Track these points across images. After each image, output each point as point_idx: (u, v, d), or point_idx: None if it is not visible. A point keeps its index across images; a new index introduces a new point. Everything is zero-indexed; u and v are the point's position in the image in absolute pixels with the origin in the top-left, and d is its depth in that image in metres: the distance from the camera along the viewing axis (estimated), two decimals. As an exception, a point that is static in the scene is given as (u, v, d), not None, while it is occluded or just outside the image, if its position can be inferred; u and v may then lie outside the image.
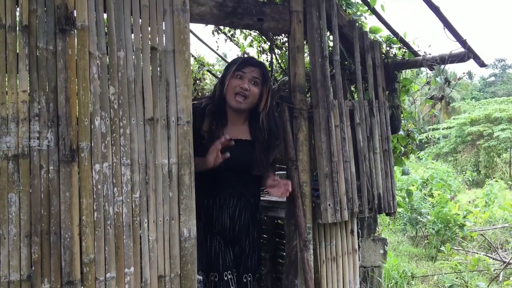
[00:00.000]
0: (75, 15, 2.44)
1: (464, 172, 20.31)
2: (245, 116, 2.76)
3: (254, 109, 2.74)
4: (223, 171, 2.65)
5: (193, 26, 5.06)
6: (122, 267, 2.51)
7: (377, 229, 4.18)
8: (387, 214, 3.65)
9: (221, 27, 5.17)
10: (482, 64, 3.31)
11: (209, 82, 6.34)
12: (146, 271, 2.58)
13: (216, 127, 2.60)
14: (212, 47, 5.72)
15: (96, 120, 2.47)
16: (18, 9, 2.36)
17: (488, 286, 4.59)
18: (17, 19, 2.36)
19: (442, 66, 3.37)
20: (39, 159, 2.34)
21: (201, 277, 2.90)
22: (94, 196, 2.45)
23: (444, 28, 3.21)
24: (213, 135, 2.59)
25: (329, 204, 3.18)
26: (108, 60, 2.54)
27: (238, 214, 2.81)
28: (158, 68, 2.68)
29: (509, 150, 22.39)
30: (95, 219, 2.44)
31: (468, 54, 3.25)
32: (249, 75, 2.63)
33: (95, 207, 2.44)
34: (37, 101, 2.34)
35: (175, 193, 2.65)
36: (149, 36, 2.66)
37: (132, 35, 2.62)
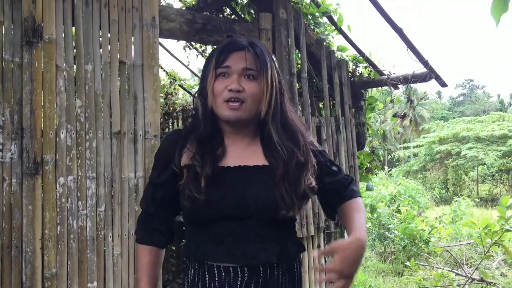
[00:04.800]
0: (43, 27, 2.44)
1: (432, 189, 20.73)
2: (252, 130, 1.53)
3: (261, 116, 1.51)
4: (227, 222, 1.40)
5: (166, 41, 5.09)
6: (85, 282, 2.48)
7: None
8: (352, 229, 3.71)
9: (193, 43, 5.20)
10: (443, 84, 3.44)
11: (181, 96, 6.35)
12: (110, 285, 2.56)
13: (202, 161, 1.42)
14: (186, 62, 5.74)
15: (62, 132, 2.46)
16: (-16, 20, 2.35)
17: (452, 301, 4.69)
18: (-17, 30, 2.35)
19: (407, 86, 3.48)
20: (1, 171, 2.31)
21: None
22: (58, 210, 2.42)
23: (407, 49, 3.33)
24: (197, 174, 1.40)
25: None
26: (75, 73, 2.54)
27: None
28: (126, 82, 2.69)
29: (476, 168, 22.98)
30: (58, 233, 2.42)
31: (430, 74, 3.37)
32: (237, 68, 1.44)
33: (58, 221, 2.42)
34: (1, 113, 2.32)
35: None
36: (118, 50, 2.68)
37: (101, 49, 2.63)
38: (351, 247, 1.32)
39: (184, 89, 6.07)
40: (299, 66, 3.63)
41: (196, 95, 1.54)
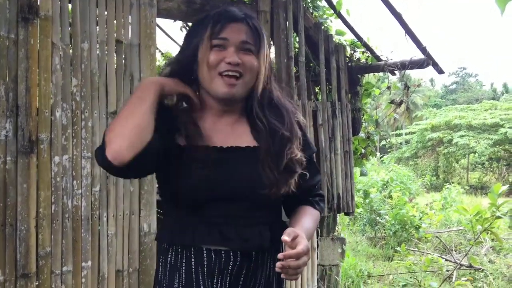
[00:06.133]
0: (38, 4, 2.40)
1: (423, 176, 20.89)
2: (241, 106, 1.45)
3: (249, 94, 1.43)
4: (219, 204, 1.33)
5: (162, 21, 5.03)
6: (79, 261, 2.49)
7: (336, 228, 4.26)
8: (345, 214, 3.74)
9: (189, 24, 5.15)
10: (440, 71, 3.44)
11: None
12: (104, 265, 2.56)
13: (195, 139, 1.34)
14: (181, 42, 5.70)
15: (57, 111, 2.44)
16: (-22, -5, 2.30)
17: (440, 286, 4.76)
18: (-22, 5, 2.30)
19: (403, 72, 3.48)
20: (-4, 149, 2.29)
21: None
22: (53, 189, 2.42)
23: (405, 35, 3.32)
24: (192, 153, 1.32)
25: (290, 203, 3.23)
26: (71, 52, 2.51)
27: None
28: (123, 62, 2.66)
29: (467, 156, 23.16)
30: (52, 211, 2.41)
31: (427, 61, 3.37)
32: (235, 40, 1.34)
33: (53, 200, 2.41)
34: (-4, 90, 2.29)
35: (136, 188, 2.65)
36: (115, 29, 2.64)
37: (97, 27, 2.60)
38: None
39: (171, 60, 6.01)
40: (296, 49, 3.61)
41: (174, 63, 1.41)
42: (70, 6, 2.54)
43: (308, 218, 1.43)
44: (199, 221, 1.33)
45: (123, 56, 2.66)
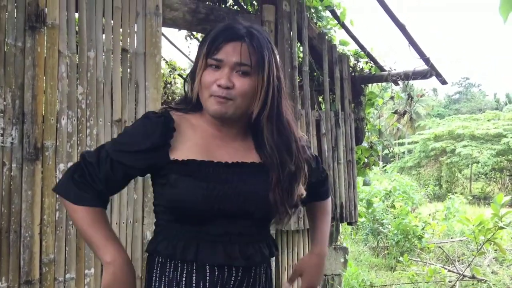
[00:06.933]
0: (46, 13, 2.43)
1: (426, 186, 20.84)
2: (244, 126, 1.43)
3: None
4: (222, 220, 1.31)
5: (166, 30, 5.08)
6: (83, 268, 2.49)
7: (338, 238, 4.26)
8: (348, 223, 3.75)
9: (194, 33, 5.19)
10: (443, 81, 3.45)
11: (180, 86, 6.34)
12: (107, 272, 2.57)
13: (201, 154, 1.33)
14: (186, 51, 5.74)
15: (63, 119, 2.46)
16: (-13, 3, 2.33)
17: (443, 297, 4.75)
18: (-14, 13, 2.33)
19: (406, 82, 3.50)
20: (1, 156, 2.30)
21: None
22: (57, 196, 2.42)
23: (409, 46, 3.34)
24: (196, 168, 1.31)
25: (293, 212, 3.24)
26: (77, 60, 2.54)
27: None
28: (128, 70, 2.69)
29: (470, 166, 23.10)
30: (56, 218, 2.42)
31: (430, 71, 3.39)
32: (229, 61, 1.30)
33: (57, 207, 2.43)
34: (2, 98, 2.31)
35: (139, 196, 2.66)
36: (121, 37, 2.67)
37: (103, 36, 2.63)
38: (314, 266, 1.50)
39: (184, 79, 6.05)
40: (300, 59, 3.63)
41: (187, 79, 1.42)
42: (77, 15, 2.57)
43: (323, 221, 1.63)
44: (203, 238, 1.30)
45: (129, 64, 2.69)
